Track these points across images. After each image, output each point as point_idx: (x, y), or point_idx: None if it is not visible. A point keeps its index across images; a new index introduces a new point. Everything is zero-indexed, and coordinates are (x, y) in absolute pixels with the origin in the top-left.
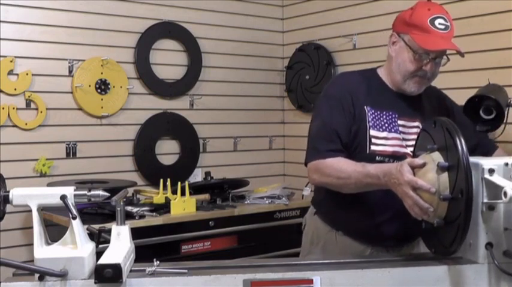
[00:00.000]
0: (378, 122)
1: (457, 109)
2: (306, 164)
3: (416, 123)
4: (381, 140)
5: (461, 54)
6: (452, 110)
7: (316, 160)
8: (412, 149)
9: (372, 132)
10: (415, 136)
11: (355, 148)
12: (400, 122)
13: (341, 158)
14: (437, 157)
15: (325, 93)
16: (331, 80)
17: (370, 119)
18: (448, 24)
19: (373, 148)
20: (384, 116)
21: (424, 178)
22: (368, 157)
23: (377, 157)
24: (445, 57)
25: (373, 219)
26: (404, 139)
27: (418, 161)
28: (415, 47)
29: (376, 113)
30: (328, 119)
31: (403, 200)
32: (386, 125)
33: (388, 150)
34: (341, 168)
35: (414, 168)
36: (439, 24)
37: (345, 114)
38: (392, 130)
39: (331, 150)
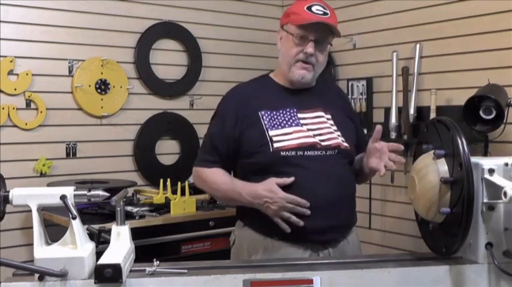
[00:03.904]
0: (274, 122)
1: (353, 112)
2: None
3: (319, 113)
4: (282, 137)
5: (338, 35)
6: (351, 111)
7: (197, 167)
8: (321, 137)
9: (271, 132)
10: (322, 125)
11: (259, 150)
12: (300, 115)
13: (217, 170)
14: (440, 162)
15: (216, 108)
16: (224, 95)
17: (266, 123)
18: (327, 11)
19: (276, 145)
20: (281, 115)
21: (425, 180)
22: (273, 154)
23: (282, 153)
24: (329, 43)
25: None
26: (309, 130)
27: (286, 179)
28: (292, 29)
29: (272, 114)
30: (210, 134)
31: (276, 215)
32: (285, 122)
33: (292, 143)
34: (214, 179)
35: (281, 185)
36: (317, 10)
37: (225, 130)
38: (293, 124)
39: (208, 161)
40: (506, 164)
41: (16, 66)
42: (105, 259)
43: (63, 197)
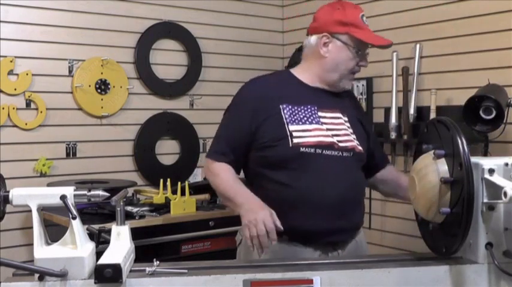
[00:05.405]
0: (295, 117)
1: (366, 118)
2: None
3: (337, 115)
4: (302, 133)
5: (389, 46)
6: (364, 117)
7: (208, 158)
8: (338, 138)
9: (291, 127)
10: (340, 126)
11: (277, 144)
12: (320, 113)
13: (227, 167)
14: (440, 162)
15: (232, 100)
16: (241, 87)
17: (286, 116)
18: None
19: (295, 141)
20: (302, 111)
21: (425, 180)
22: (292, 149)
23: (301, 149)
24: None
25: (310, 219)
26: (328, 129)
27: (280, 227)
28: (358, 44)
29: (293, 109)
30: (224, 125)
31: (249, 228)
32: (306, 118)
33: (312, 141)
34: (220, 174)
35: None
36: (365, 20)
37: (241, 121)
38: (313, 122)
39: (219, 153)
40: (506, 164)
41: (16, 66)
42: (105, 259)
43: (63, 197)
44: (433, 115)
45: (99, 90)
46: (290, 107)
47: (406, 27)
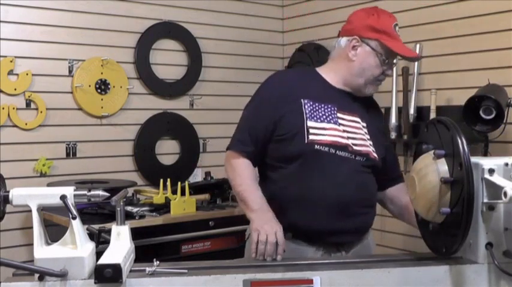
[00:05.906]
0: (315, 114)
1: (383, 128)
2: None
3: (356, 119)
4: (319, 130)
5: (416, 59)
6: (383, 127)
7: (230, 149)
8: (353, 141)
9: (310, 123)
10: (357, 130)
11: (293, 138)
12: (339, 114)
13: (248, 164)
14: (440, 162)
15: (256, 91)
16: (266, 79)
17: (307, 112)
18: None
19: (311, 137)
20: (322, 108)
21: (425, 180)
22: (307, 146)
23: (316, 146)
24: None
25: (314, 218)
26: (345, 131)
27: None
28: (387, 52)
29: (314, 105)
30: (248, 115)
31: (260, 233)
32: (324, 116)
33: (327, 139)
34: (240, 173)
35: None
36: (398, 30)
37: (266, 111)
38: (332, 121)
39: (242, 142)
40: (506, 164)
41: (16, 66)
42: (105, 259)
43: (63, 197)
44: (433, 115)
45: (99, 90)
46: (311, 103)
47: (406, 27)
